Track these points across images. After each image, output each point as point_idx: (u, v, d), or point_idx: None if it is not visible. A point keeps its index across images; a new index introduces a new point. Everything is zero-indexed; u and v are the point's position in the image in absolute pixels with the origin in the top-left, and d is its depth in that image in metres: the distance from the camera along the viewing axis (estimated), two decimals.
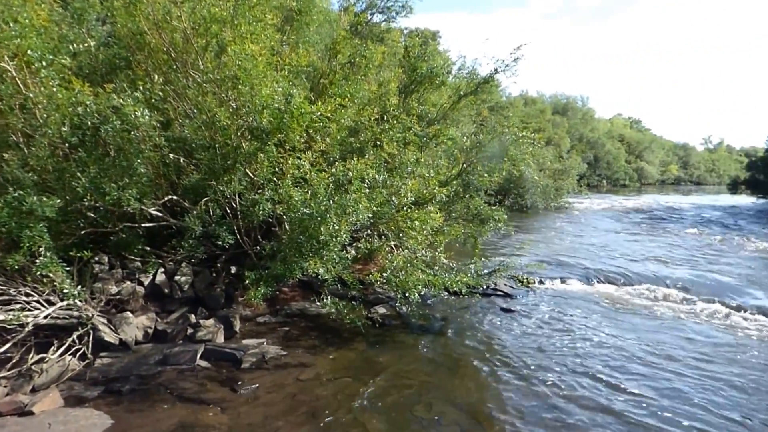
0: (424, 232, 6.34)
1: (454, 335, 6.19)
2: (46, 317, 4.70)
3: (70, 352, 4.77)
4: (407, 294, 5.78)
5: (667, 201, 32.94)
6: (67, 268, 4.81)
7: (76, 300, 4.86)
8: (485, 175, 7.62)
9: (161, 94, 5.84)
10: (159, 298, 6.01)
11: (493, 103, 29.86)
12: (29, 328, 4.54)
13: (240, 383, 4.65)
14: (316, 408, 4.26)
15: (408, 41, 9.89)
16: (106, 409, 4.14)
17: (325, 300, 5.75)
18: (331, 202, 5.09)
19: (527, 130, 8.69)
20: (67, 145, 5.08)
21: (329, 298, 5.78)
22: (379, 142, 7.14)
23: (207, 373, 4.90)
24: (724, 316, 7.25)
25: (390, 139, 7.09)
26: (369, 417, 4.16)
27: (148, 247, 6.06)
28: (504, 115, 31.35)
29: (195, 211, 5.71)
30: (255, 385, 4.63)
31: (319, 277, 5.52)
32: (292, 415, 4.15)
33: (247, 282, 5.50)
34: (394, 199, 6.04)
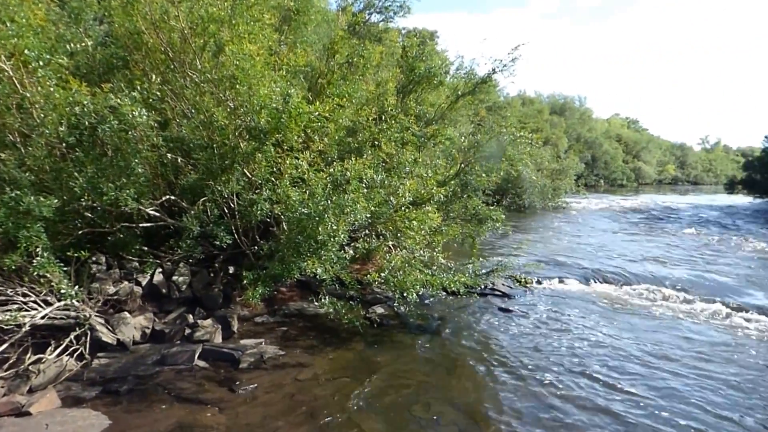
0: (422, 232, 6.34)
1: (452, 335, 6.19)
2: (43, 317, 4.69)
3: (67, 353, 4.76)
4: (405, 294, 5.78)
5: (665, 201, 33.01)
6: (65, 269, 4.79)
7: (74, 300, 4.85)
8: (483, 175, 7.63)
9: (159, 94, 5.83)
10: (157, 298, 5.99)
11: (491, 103, 29.92)
12: (26, 328, 4.53)
13: (238, 383, 4.65)
14: (315, 408, 4.26)
15: (406, 41, 9.88)
16: (104, 410, 4.13)
17: (323, 300, 5.74)
18: (329, 202, 5.09)
19: (525, 130, 8.71)
20: (64, 144, 5.07)
21: (327, 298, 5.77)
22: (377, 142, 7.14)
23: (205, 373, 4.90)
24: (721, 316, 7.26)
25: (388, 139, 7.09)
26: (367, 417, 4.17)
27: (146, 247, 6.05)
28: (502, 115, 31.39)
29: (193, 211, 5.70)
30: (253, 385, 4.62)
31: (317, 277, 5.52)
32: (291, 415, 4.15)
33: (245, 282, 5.49)
34: (392, 199, 6.05)
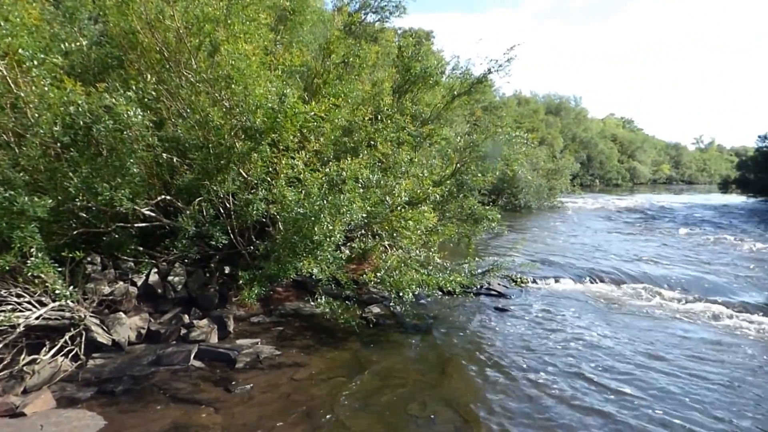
0: (418, 231, 6.35)
1: (448, 335, 6.21)
2: (37, 318, 4.67)
3: (62, 353, 4.74)
4: (401, 294, 5.79)
5: (660, 200, 33.18)
6: (59, 269, 4.77)
7: (68, 301, 4.83)
8: (479, 174, 7.65)
9: (154, 94, 5.81)
10: (152, 298, 5.98)
11: (487, 103, 30.01)
12: (21, 329, 4.51)
13: (234, 383, 4.64)
14: (311, 407, 4.26)
15: (402, 41, 9.90)
16: (99, 410, 4.12)
17: (319, 300, 5.75)
18: (324, 202, 5.09)
19: (520, 129, 8.74)
20: (58, 144, 5.04)
21: (323, 297, 5.77)
22: (373, 142, 7.15)
23: (201, 373, 4.89)
24: (716, 316, 7.30)
25: (384, 138, 7.10)
26: (363, 416, 4.17)
27: (141, 248, 6.04)
28: (497, 114, 31.47)
29: (188, 211, 5.69)
30: (249, 385, 4.62)
31: (313, 276, 5.52)
32: (287, 414, 4.15)
33: (240, 282, 5.48)
34: (388, 198, 6.05)
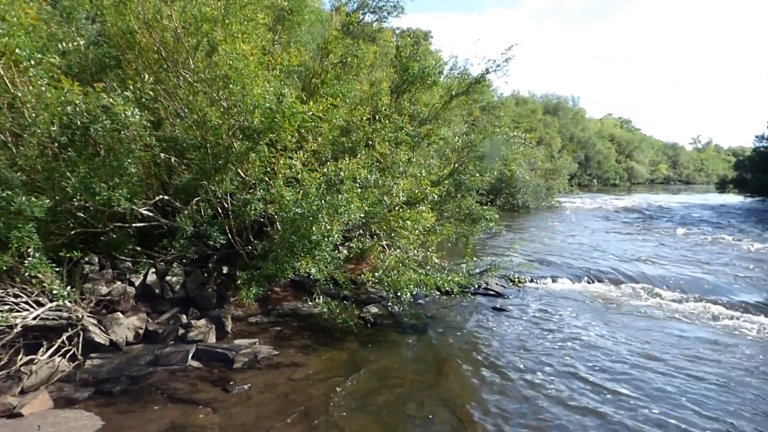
0: (416, 231, 6.36)
1: (446, 335, 6.21)
2: (35, 318, 4.66)
3: (59, 354, 4.73)
4: (399, 293, 5.79)
5: (657, 200, 33.25)
6: (57, 269, 4.76)
7: (66, 301, 4.82)
8: (477, 174, 7.66)
9: (152, 94, 5.79)
10: (150, 298, 5.97)
11: (485, 102, 30.05)
12: (18, 329, 4.50)
13: (232, 383, 4.64)
14: (309, 407, 4.27)
15: (400, 41, 9.91)
16: (97, 411, 4.11)
17: (317, 300, 5.75)
18: (322, 202, 5.09)
19: (518, 129, 8.76)
20: (56, 144, 5.03)
21: (321, 297, 5.78)
22: (370, 142, 7.15)
23: (199, 373, 4.89)
24: (714, 316, 7.31)
25: (382, 138, 7.10)
26: (361, 416, 4.18)
27: (139, 247, 6.02)
28: (495, 114, 31.51)
29: (186, 211, 5.68)
30: (247, 385, 4.62)
31: (311, 276, 5.52)
32: (285, 414, 4.15)
33: (238, 282, 5.48)
34: (385, 198, 6.05)
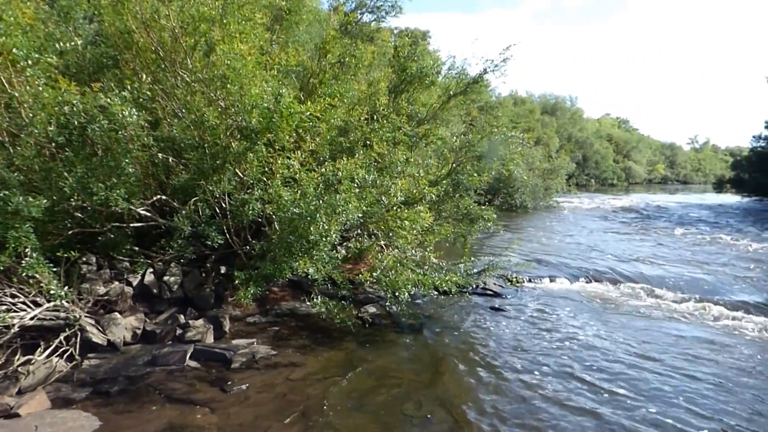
0: (414, 231, 6.36)
1: (444, 335, 6.22)
2: (32, 318, 4.66)
3: (57, 354, 4.72)
4: (397, 293, 5.80)
5: (655, 200, 33.33)
6: (54, 269, 4.75)
7: (63, 301, 4.82)
8: (475, 174, 7.66)
9: (149, 94, 5.80)
10: (148, 298, 5.96)
11: (483, 103, 30.05)
12: (15, 329, 4.49)
13: (230, 383, 4.64)
14: (307, 407, 4.27)
15: (398, 41, 9.90)
16: (94, 411, 4.11)
17: (315, 300, 5.75)
18: (320, 202, 5.09)
19: (516, 129, 8.76)
20: (53, 144, 5.02)
21: (319, 297, 5.78)
22: (368, 142, 7.15)
23: (196, 373, 4.88)
24: (712, 315, 7.32)
25: (380, 138, 7.10)
26: (359, 416, 4.18)
27: (137, 247, 6.02)
28: (494, 114, 31.51)
29: (184, 211, 5.68)
30: (245, 385, 4.62)
31: (309, 276, 5.52)
32: (283, 414, 4.15)
33: (236, 282, 5.48)
34: (383, 198, 6.05)
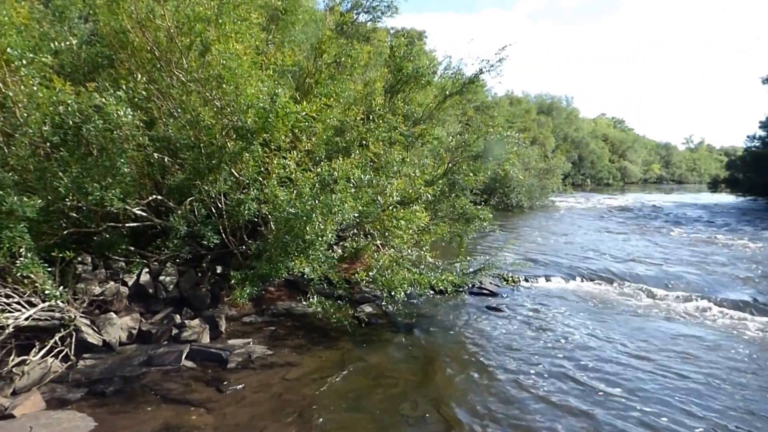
0: (410, 231, 6.37)
1: (440, 334, 6.24)
2: (27, 319, 4.63)
3: (52, 354, 4.71)
4: (393, 293, 5.80)
5: (650, 199, 33.49)
6: (49, 269, 4.74)
7: (58, 301, 4.80)
8: (471, 174, 7.68)
9: (145, 93, 5.78)
10: (143, 298, 5.95)
11: (479, 102, 30.06)
12: (10, 330, 4.47)
13: (226, 383, 4.64)
14: (303, 407, 4.27)
15: (394, 41, 9.90)
16: (90, 411, 4.10)
17: (311, 299, 5.75)
18: (316, 202, 5.09)
19: (512, 129, 8.79)
20: (48, 144, 5.01)
21: (315, 297, 5.78)
22: (364, 142, 7.15)
23: (192, 373, 4.88)
24: (708, 315, 7.34)
25: (376, 138, 7.11)
26: (356, 416, 4.19)
27: (133, 247, 6.01)
28: (489, 114, 31.57)
29: (180, 211, 5.67)
30: (241, 385, 4.62)
31: (305, 276, 5.53)
32: (279, 414, 4.16)
33: (232, 282, 5.47)
34: (379, 198, 6.06)
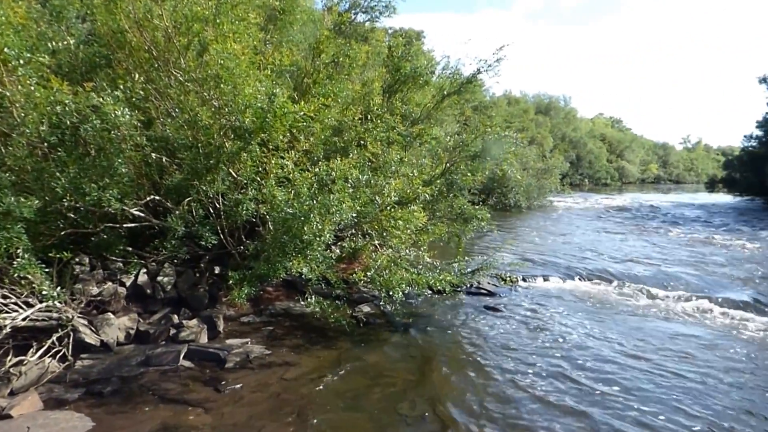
0: (408, 231, 6.37)
1: (438, 334, 6.25)
2: (24, 319, 4.63)
3: (49, 355, 4.70)
4: (391, 293, 5.81)
5: (648, 199, 33.55)
6: (47, 270, 4.73)
7: (56, 301, 4.79)
8: (469, 174, 7.69)
9: (142, 93, 5.78)
10: (141, 298, 5.95)
11: (477, 102, 30.10)
12: (7, 330, 4.46)
13: (224, 383, 4.64)
14: (301, 407, 4.28)
15: (392, 41, 9.91)
16: (87, 412, 4.10)
17: (309, 299, 5.75)
18: (314, 202, 5.09)
19: (510, 129, 8.80)
20: (45, 144, 5.00)
21: (313, 297, 5.78)
22: (362, 142, 7.16)
23: (190, 373, 4.88)
24: (706, 315, 7.35)
25: (374, 138, 7.11)
26: (354, 415, 4.20)
27: (130, 248, 6.00)
28: (487, 114, 31.60)
29: (178, 211, 5.66)
30: (239, 385, 4.62)
31: (303, 276, 5.53)
32: (277, 414, 4.16)
33: (230, 282, 5.46)
34: (377, 198, 6.07)
